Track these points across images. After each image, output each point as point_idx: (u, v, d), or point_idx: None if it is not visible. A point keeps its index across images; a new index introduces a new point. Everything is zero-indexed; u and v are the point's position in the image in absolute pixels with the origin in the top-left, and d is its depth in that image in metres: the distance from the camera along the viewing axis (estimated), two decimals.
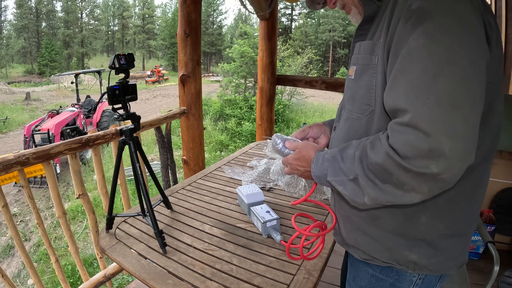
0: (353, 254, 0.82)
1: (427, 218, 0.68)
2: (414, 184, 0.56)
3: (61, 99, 17.17)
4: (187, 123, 2.40)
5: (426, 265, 0.72)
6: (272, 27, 3.07)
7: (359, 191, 0.63)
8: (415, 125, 0.53)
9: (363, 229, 0.76)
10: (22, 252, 1.54)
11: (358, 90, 0.71)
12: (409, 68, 0.55)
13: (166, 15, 42.99)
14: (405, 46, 0.56)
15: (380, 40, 0.64)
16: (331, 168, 0.69)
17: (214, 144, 10.28)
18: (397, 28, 0.59)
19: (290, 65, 14.67)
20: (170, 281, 0.97)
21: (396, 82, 0.58)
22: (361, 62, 0.70)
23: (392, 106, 0.58)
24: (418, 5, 0.56)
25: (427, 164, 0.53)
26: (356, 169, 0.62)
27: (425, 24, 0.54)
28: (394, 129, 0.57)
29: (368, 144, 0.62)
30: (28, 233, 5.21)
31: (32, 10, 33.50)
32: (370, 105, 0.68)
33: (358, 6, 0.75)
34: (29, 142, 6.92)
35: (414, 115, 0.53)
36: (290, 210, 1.39)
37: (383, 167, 0.57)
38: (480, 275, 1.96)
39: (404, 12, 0.58)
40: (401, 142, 0.55)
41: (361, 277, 0.84)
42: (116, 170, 1.21)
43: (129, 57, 1.11)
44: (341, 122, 0.80)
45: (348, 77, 0.76)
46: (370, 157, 0.60)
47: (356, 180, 0.63)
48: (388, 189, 0.59)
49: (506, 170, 2.11)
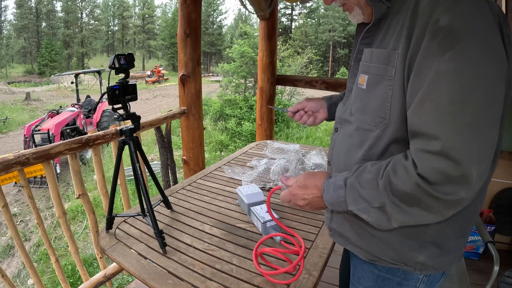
0: (358, 254, 0.81)
1: (436, 225, 0.69)
2: (441, 207, 0.58)
3: (61, 99, 17.18)
4: (187, 123, 2.40)
5: (432, 264, 0.73)
6: (272, 27, 3.07)
7: (385, 217, 0.63)
8: (446, 154, 0.53)
9: (372, 232, 0.75)
10: (22, 252, 1.54)
11: (370, 102, 0.69)
12: (438, 93, 0.55)
13: (166, 15, 43.00)
14: (433, 68, 0.55)
15: (398, 52, 0.62)
16: (350, 197, 0.67)
17: (214, 144, 10.27)
18: (422, 44, 0.57)
19: (290, 65, 14.66)
20: (170, 281, 0.97)
21: (424, 105, 0.57)
22: (374, 72, 0.68)
23: (419, 129, 0.58)
24: (447, 22, 0.54)
25: (456, 190, 0.55)
26: (382, 197, 0.62)
27: (455, 48, 0.53)
28: (422, 157, 0.56)
29: (391, 172, 0.61)
30: (28, 233, 5.21)
31: (32, 10, 33.52)
32: (384, 118, 0.66)
33: (364, 7, 0.71)
34: (29, 142, 6.92)
35: (445, 143, 0.54)
36: (290, 210, 1.39)
37: (411, 195, 0.58)
38: (480, 275, 1.96)
39: (431, 27, 0.56)
40: (432, 170, 0.55)
41: (367, 278, 0.83)
42: (116, 170, 1.21)
43: (129, 57, 1.11)
44: (347, 129, 0.77)
45: (358, 86, 0.73)
46: (396, 185, 0.59)
47: (382, 208, 0.63)
48: (415, 212, 0.60)
49: (506, 170, 2.11)
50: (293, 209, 1.39)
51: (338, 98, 1.07)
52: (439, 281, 0.80)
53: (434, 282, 0.79)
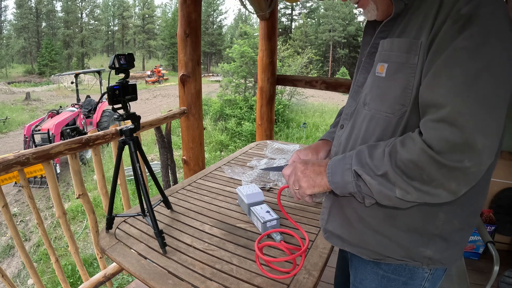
0: (359, 255, 0.80)
1: (444, 215, 0.69)
2: (444, 180, 0.58)
3: (61, 99, 17.18)
4: (187, 123, 2.40)
5: (440, 258, 0.73)
6: (272, 27, 3.07)
7: (389, 185, 0.63)
8: (451, 120, 0.55)
9: (377, 229, 0.74)
10: (22, 252, 1.54)
11: (390, 89, 0.68)
12: (452, 67, 0.57)
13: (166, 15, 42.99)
14: (451, 46, 0.58)
15: (421, 40, 0.63)
16: (356, 159, 0.67)
17: (214, 144, 10.28)
18: (442, 29, 0.60)
19: (290, 65, 14.66)
20: (170, 281, 0.97)
21: (436, 77, 0.59)
22: (395, 60, 0.68)
23: (429, 100, 0.59)
24: (467, 10, 0.57)
25: (461, 158, 0.55)
26: (386, 165, 0.62)
27: (472, 28, 0.56)
28: (428, 126, 0.58)
29: (399, 142, 0.62)
30: (28, 233, 5.21)
31: (32, 10, 33.52)
32: (404, 105, 0.66)
33: (379, 2, 0.72)
34: (29, 142, 6.91)
35: (452, 110, 0.55)
36: (290, 210, 1.39)
37: (415, 163, 0.58)
38: (480, 275, 1.96)
39: (453, 15, 0.59)
40: (437, 138, 0.56)
41: (370, 279, 0.82)
42: (116, 170, 1.21)
43: (129, 57, 1.11)
44: (360, 120, 0.76)
45: (377, 74, 0.72)
46: (401, 154, 0.60)
47: (385, 175, 0.62)
48: (416, 186, 0.60)
49: (506, 170, 2.11)
50: (293, 209, 1.39)
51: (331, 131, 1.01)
52: (441, 278, 0.80)
53: (437, 280, 0.79)
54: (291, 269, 0.99)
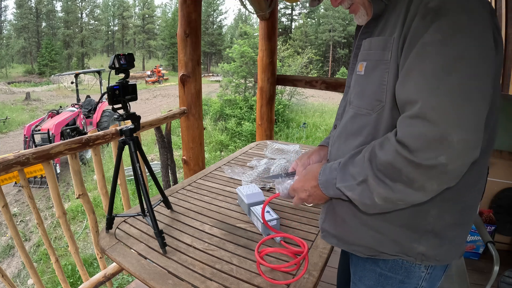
0: (355, 253, 0.80)
1: (436, 211, 0.69)
2: (424, 180, 0.57)
3: (61, 99, 17.18)
4: (187, 123, 2.40)
5: (434, 255, 0.73)
6: (272, 27, 3.07)
7: (368, 193, 0.64)
8: (424, 115, 0.54)
9: (370, 224, 0.75)
10: (22, 252, 1.54)
11: (368, 86, 0.70)
12: (423, 62, 0.57)
13: (166, 15, 42.98)
14: (420, 40, 0.57)
15: (394, 36, 0.64)
16: (340, 174, 0.69)
17: (214, 144, 10.28)
18: (412, 24, 0.60)
19: (290, 65, 14.65)
20: (170, 281, 0.97)
21: (409, 75, 0.59)
22: (373, 57, 0.70)
23: (404, 97, 0.60)
24: (435, 4, 0.57)
25: (435, 155, 0.54)
26: (366, 170, 0.63)
27: (441, 20, 0.56)
28: (403, 123, 0.58)
29: (377, 145, 0.62)
30: (28, 233, 5.21)
31: (32, 10, 33.51)
32: (381, 101, 0.67)
33: (368, 7, 0.74)
34: (29, 142, 6.91)
35: (423, 105, 0.55)
36: (290, 210, 1.39)
37: (392, 164, 0.58)
38: (480, 275, 1.96)
39: (421, 9, 0.59)
40: (410, 135, 0.56)
41: (368, 277, 0.83)
42: (116, 170, 1.21)
43: (129, 57, 1.11)
44: (345, 118, 0.78)
45: (357, 73, 0.75)
46: (379, 157, 0.60)
47: (365, 182, 0.63)
48: (399, 188, 0.60)
49: (506, 170, 2.11)
50: (293, 209, 1.39)
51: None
52: (440, 279, 0.80)
53: (435, 280, 0.79)
54: (293, 271, 0.99)
